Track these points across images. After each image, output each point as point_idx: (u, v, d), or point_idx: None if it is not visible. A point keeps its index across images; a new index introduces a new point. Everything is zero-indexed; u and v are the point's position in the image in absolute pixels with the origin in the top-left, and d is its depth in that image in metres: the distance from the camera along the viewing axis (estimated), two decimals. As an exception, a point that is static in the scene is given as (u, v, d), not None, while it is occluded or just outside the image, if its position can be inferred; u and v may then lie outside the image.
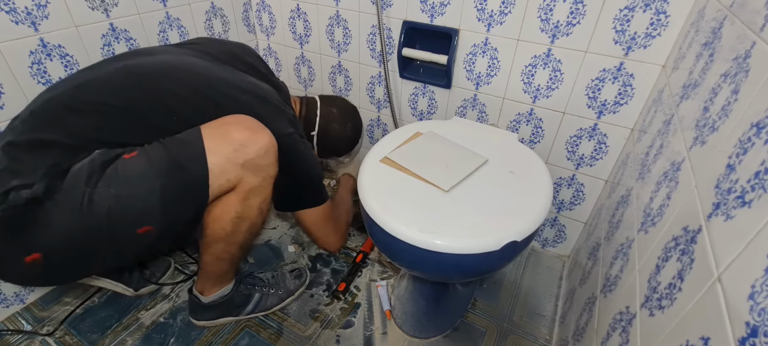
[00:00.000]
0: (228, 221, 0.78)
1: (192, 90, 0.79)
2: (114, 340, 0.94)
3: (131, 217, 0.67)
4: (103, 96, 0.73)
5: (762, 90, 0.39)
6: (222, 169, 0.72)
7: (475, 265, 0.72)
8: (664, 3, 0.79)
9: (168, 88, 0.77)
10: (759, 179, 0.34)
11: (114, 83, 0.75)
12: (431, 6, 1.05)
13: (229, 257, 0.85)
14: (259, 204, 0.80)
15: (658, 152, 0.66)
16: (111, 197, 0.65)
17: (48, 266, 0.66)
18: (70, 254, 0.67)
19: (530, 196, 0.78)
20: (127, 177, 0.66)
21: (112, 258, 0.74)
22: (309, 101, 1.11)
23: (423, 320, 1.00)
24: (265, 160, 0.76)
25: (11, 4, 0.81)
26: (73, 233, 0.65)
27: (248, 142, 0.74)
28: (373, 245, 1.19)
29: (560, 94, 0.99)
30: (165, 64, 0.81)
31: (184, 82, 0.79)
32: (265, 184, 0.79)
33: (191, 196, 0.72)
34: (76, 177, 0.65)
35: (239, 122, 0.76)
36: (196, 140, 0.71)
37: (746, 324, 0.30)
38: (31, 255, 0.64)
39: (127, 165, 0.67)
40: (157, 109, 0.75)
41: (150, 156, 0.69)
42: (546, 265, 1.20)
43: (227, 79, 0.85)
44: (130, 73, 0.77)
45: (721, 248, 0.37)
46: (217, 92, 0.81)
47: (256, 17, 1.40)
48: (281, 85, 1.01)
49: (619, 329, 0.56)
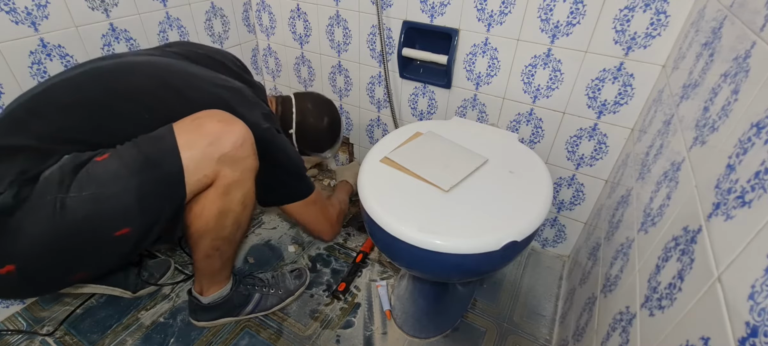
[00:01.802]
0: (210, 217, 0.77)
1: (160, 84, 0.77)
2: (114, 340, 0.94)
3: (107, 219, 0.66)
4: (67, 97, 0.71)
5: (762, 90, 0.39)
6: (197, 164, 0.70)
7: (475, 265, 0.72)
8: (664, 3, 0.79)
9: (135, 84, 0.75)
10: (759, 178, 0.34)
11: (78, 84, 0.73)
12: (431, 6, 1.05)
13: (218, 253, 0.85)
14: (241, 198, 0.79)
15: (658, 152, 0.66)
16: (86, 200, 0.63)
17: (23, 277, 0.65)
18: (45, 262, 0.65)
19: (530, 196, 0.78)
20: (100, 179, 0.65)
21: (92, 264, 0.72)
22: (284, 99, 1.09)
23: (423, 320, 1.00)
24: (241, 153, 0.75)
25: (11, 4, 0.81)
26: (47, 240, 0.63)
27: (222, 134, 0.72)
28: (373, 245, 1.19)
29: (560, 94, 0.99)
30: (133, 63, 0.79)
31: (152, 77, 0.77)
32: (245, 177, 0.78)
33: (167, 193, 0.70)
34: (46, 183, 0.63)
35: (212, 116, 0.74)
36: (167, 136, 0.70)
37: (746, 324, 0.30)
38: (4, 267, 0.62)
39: (98, 167, 0.66)
40: (124, 105, 0.73)
41: (122, 156, 0.67)
42: (546, 265, 1.20)
43: (198, 75, 0.83)
44: (95, 73, 0.75)
45: (721, 248, 0.37)
46: (187, 86, 0.79)
47: (256, 17, 1.40)
48: (256, 84, 0.99)
49: (619, 329, 0.56)
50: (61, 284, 0.83)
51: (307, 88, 1.47)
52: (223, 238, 0.82)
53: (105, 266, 0.74)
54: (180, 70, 0.82)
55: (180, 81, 0.80)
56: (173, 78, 0.79)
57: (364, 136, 1.44)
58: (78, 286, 0.99)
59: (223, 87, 0.84)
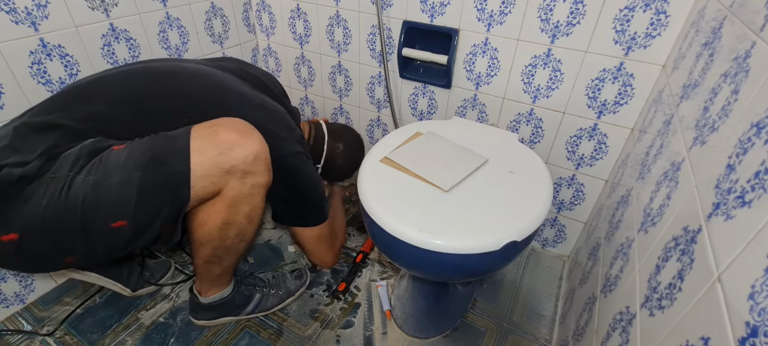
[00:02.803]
0: (214, 227, 0.76)
1: (204, 91, 0.80)
2: (114, 340, 0.94)
3: (105, 207, 0.66)
4: (116, 87, 0.76)
5: (762, 90, 0.39)
6: (204, 171, 0.69)
7: (475, 265, 0.72)
8: (664, 3, 0.79)
9: (181, 86, 0.79)
10: (759, 178, 0.34)
11: (130, 77, 0.78)
12: (431, 6, 1.05)
13: (219, 262, 0.84)
14: (247, 212, 0.77)
15: (658, 152, 0.66)
16: (89, 184, 0.65)
17: (21, 249, 0.65)
18: (42, 238, 0.66)
19: (530, 196, 0.78)
20: (108, 167, 0.66)
21: (84, 251, 0.70)
22: (317, 129, 1.10)
23: (423, 320, 1.00)
24: (253, 167, 0.73)
25: (11, 4, 0.81)
26: (47, 217, 0.64)
27: (235, 145, 0.71)
28: (373, 245, 1.19)
29: (560, 94, 0.99)
30: (185, 68, 0.83)
31: (198, 83, 0.81)
32: (255, 192, 0.76)
33: (170, 193, 0.69)
34: (63, 161, 0.65)
35: (229, 124, 0.73)
36: (182, 137, 0.70)
37: (746, 324, 0.30)
38: (8, 234, 0.63)
39: (111, 155, 0.67)
40: (166, 105, 0.76)
41: (134, 148, 0.68)
42: (546, 265, 1.20)
43: (242, 92, 0.85)
44: (148, 69, 0.80)
45: (721, 248, 0.37)
46: (230, 98, 0.82)
47: (256, 17, 1.40)
48: (294, 110, 1.01)
49: (619, 329, 0.56)
50: (53, 266, 0.83)
51: (306, 88, 1.47)
52: (225, 247, 0.81)
53: (97, 257, 0.73)
54: (231, 86, 0.85)
55: (229, 96, 0.83)
56: (224, 92, 0.83)
57: (364, 136, 1.44)
58: (73, 270, 0.96)
59: (262, 107, 0.86)
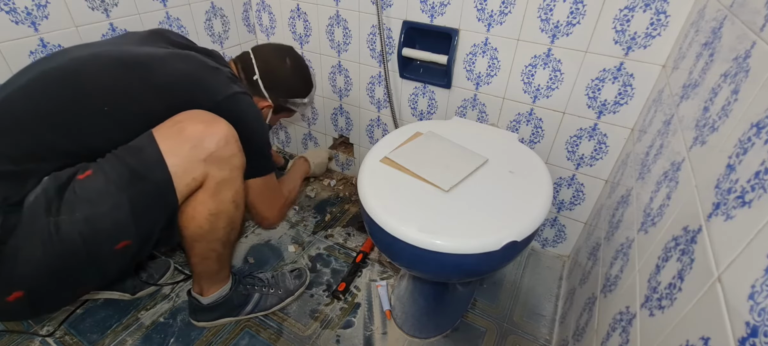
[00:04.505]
0: (203, 219, 0.77)
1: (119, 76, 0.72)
2: (114, 340, 0.94)
3: (106, 235, 0.66)
4: (23, 110, 0.65)
5: (762, 90, 0.39)
6: (184, 169, 0.69)
7: (475, 265, 0.72)
8: (664, 3, 0.79)
9: (92, 83, 0.70)
10: (759, 178, 0.34)
11: (30, 94, 0.67)
12: (431, 6, 1.05)
13: (214, 255, 0.84)
14: (231, 196, 0.78)
15: (658, 152, 0.66)
16: (79, 221, 0.63)
17: (33, 300, 0.65)
18: (53, 285, 0.66)
19: (530, 196, 0.77)
20: (89, 199, 0.64)
21: (97, 278, 0.72)
22: (242, 55, 1.01)
23: (423, 320, 1.00)
24: (227, 151, 0.74)
25: (11, 4, 0.81)
26: (51, 263, 0.63)
27: (204, 135, 0.71)
28: (373, 245, 1.19)
29: (560, 94, 0.99)
30: (81, 59, 0.73)
31: (107, 71, 0.72)
32: (234, 175, 0.77)
33: (160, 203, 0.70)
34: (33, 209, 0.62)
35: (191, 117, 0.73)
36: (149, 145, 0.68)
37: (746, 324, 0.30)
38: (12, 294, 0.63)
39: (84, 186, 0.64)
40: (87, 108, 0.68)
41: (107, 172, 0.66)
42: (546, 265, 1.20)
43: (156, 55, 0.77)
44: (45, 78, 0.69)
45: (721, 248, 0.37)
46: (150, 72, 0.74)
47: (256, 17, 1.40)
48: (211, 51, 0.91)
49: (619, 329, 0.56)
50: (67, 301, 0.86)
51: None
52: (217, 239, 0.82)
53: (109, 277, 0.74)
54: (135, 54, 0.75)
55: (141, 68, 0.74)
56: (131, 68, 0.73)
57: (364, 136, 1.44)
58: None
59: (184, 60, 0.79)
